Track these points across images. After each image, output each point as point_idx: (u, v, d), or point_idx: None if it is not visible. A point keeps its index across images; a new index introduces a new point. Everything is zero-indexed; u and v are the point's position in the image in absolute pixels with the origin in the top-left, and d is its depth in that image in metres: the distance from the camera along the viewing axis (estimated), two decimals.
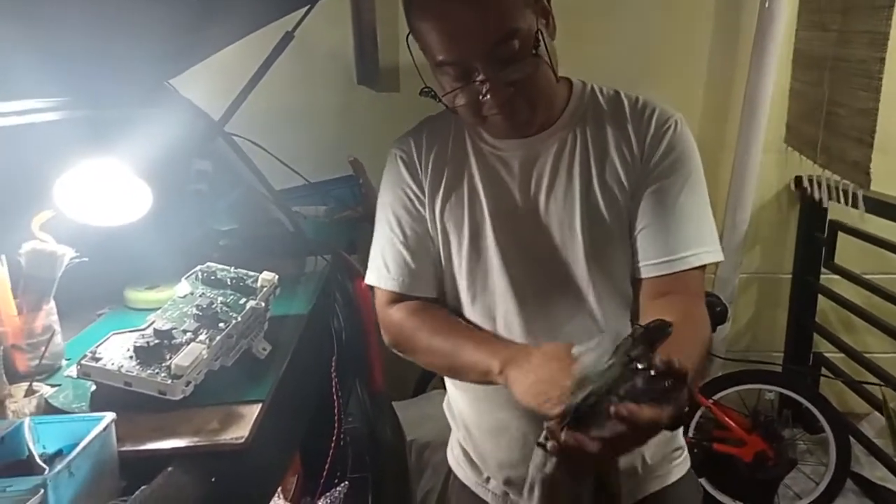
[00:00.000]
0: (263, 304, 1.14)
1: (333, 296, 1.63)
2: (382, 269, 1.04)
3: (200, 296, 1.15)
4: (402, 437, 1.90)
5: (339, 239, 1.86)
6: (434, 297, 1.05)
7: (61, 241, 1.11)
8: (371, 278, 1.06)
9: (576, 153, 0.97)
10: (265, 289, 1.19)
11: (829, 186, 2.10)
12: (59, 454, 0.82)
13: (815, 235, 2.32)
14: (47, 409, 0.96)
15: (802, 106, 2.19)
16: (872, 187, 2.05)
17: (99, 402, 0.96)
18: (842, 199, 2.00)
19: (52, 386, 1.02)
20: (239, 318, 1.08)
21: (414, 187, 1.05)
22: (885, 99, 2.29)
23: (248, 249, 1.58)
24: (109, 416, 0.83)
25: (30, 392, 0.96)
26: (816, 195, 2.17)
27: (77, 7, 1.10)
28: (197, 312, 1.08)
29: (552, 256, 0.98)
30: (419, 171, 1.05)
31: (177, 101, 1.55)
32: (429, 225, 1.03)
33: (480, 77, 0.89)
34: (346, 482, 1.48)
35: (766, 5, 2.19)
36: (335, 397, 1.42)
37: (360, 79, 2.39)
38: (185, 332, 1.03)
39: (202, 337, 1.03)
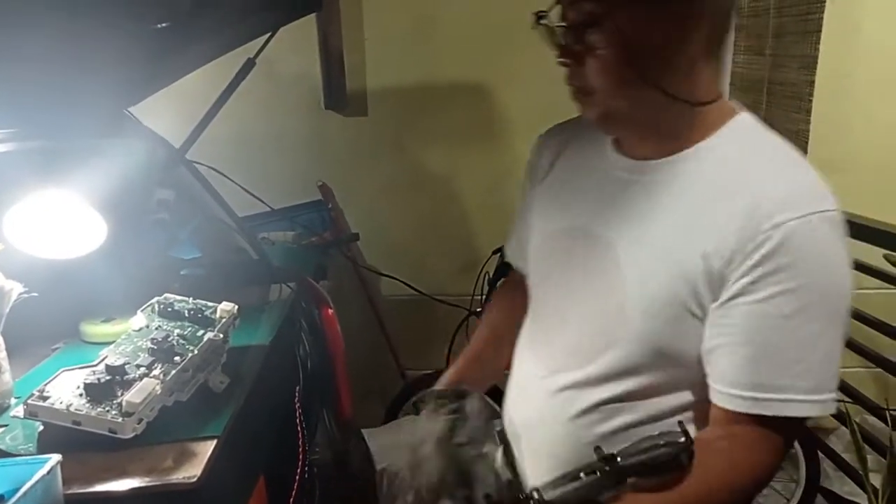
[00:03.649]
0: (222, 336, 1.12)
1: (299, 324, 1.61)
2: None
3: (156, 329, 1.12)
4: (371, 466, 1.87)
5: (306, 265, 1.84)
6: (524, 270, 1.08)
7: (11, 276, 1.08)
8: None
9: (675, 201, 0.82)
10: (224, 320, 1.17)
11: None
12: (0, 500, 0.79)
13: None
14: None
15: None
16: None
17: (46, 442, 0.93)
18: None
19: None
20: (195, 352, 1.05)
21: (535, 166, 1.04)
22: (854, 120, 2.37)
23: (211, 278, 1.56)
24: (54, 458, 0.80)
25: None
26: None
27: (32, 37, 1.08)
28: (152, 346, 1.05)
29: (592, 297, 0.88)
30: (545, 153, 1.02)
31: (136, 130, 1.53)
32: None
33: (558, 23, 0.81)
34: None
35: None
36: (300, 428, 1.39)
37: (328, 104, 2.39)
38: (138, 367, 1.01)
39: (156, 372, 1.00)
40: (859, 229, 1.97)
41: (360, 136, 2.44)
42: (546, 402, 0.91)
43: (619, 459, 0.74)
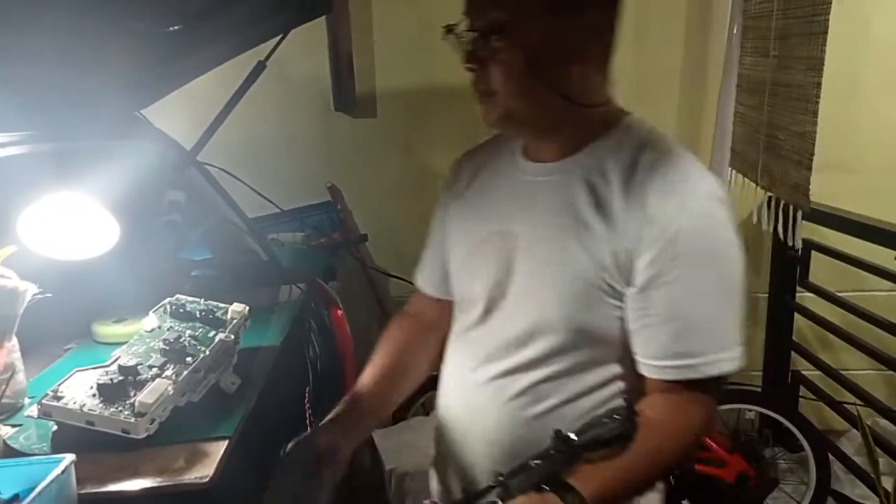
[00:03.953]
0: (233, 337, 1.13)
1: (308, 324, 1.61)
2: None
3: (168, 329, 1.13)
4: (380, 467, 1.88)
5: (316, 266, 1.85)
6: (435, 293, 1.13)
7: (25, 277, 1.09)
8: None
9: (578, 196, 0.89)
10: (235, 321, 1.18)
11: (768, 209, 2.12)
12: (15, 499, 0.80)
13: (789, 254, 2.34)
14: (6, 451, 0.93)
15: (746, 130, 2.22)
16: (846, 207, 2.09)
17: (60, 442, 0.94)
18: (779, 221, 2.04)
19: (13, 426, 0.99)
20: (207, 352, 1.06)
21: (452, 186, 1.08)
22: (862, 120, 2.36)
23: (222, 279, 1.56)
24: (68, 458, 0.81)
25: None
26: (764, 223, 2.18)
27: (45, 40, 1.09)
28: (164, 347, 1.06)
29: (514, 295, 0.93)
30: (463, 174, 1.07)
31: (148, 132, 1.54)
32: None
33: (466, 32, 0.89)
34: None
35: (735, 31, 2.24)
36: (309, 429, 1.40)
37: (337, 105, 2.40)
38: (150, 367, 1.02)
39: (168, 372, 1.01)
40: (868, 230, 1.96)
41: (368, 137, 2.45)
42: (480, 392, 0.96)
43: (574, 438, 0.80)
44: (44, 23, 1.01)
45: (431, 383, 2.46)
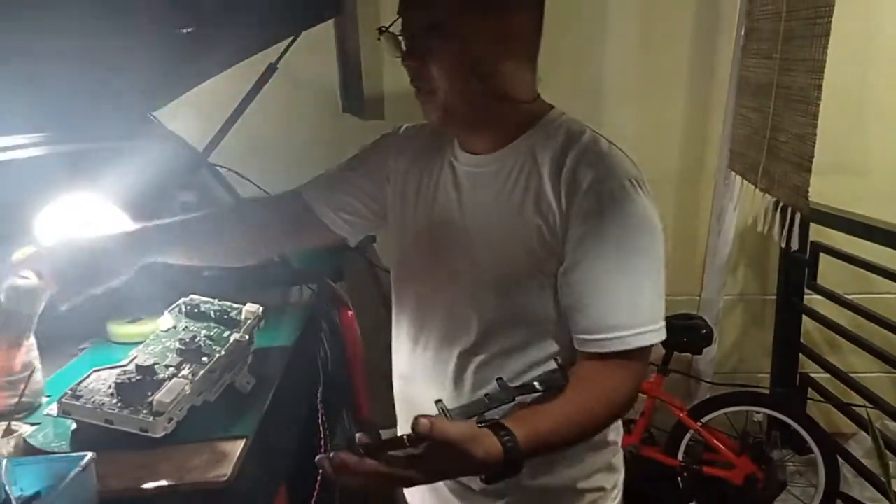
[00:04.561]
0: (247, 337, 1.14)
1: (319, 325, 1.62)
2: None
3: (183, 329, 1.14)
4: None
5: (324, 267, 1.85)
6: (316, 212, 1.14)
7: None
8: None
9: (512, 184, 0.94)
10: (249, 321, 1.18)
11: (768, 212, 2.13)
12: (37, 496, 0.81)
13: (797, 257, 2.35)
14: (26, 449, 0.94)
15: (746, 131, 2.22)
16: (854, 209, 2.09)
17: (79, 440, 0.95)
18: (773, 223, 2.05)
19: (32, 425, 1.00)
20: (222, 352, 1.07)
21: (376, 162, 1.11)
22: (870, 123, 2.36)
23: (233, 280, 1.57)
24: (89, 456, 0.81)
25: (8, 432, 0.94)
26: (760, 224, 2.19)
27: (59, 42, 1.10)
28: (180, 347, 1.07)
29: (452, 281, 0.98)
30: (395, 154, 1.09)
31: (160, 133, 1.55)
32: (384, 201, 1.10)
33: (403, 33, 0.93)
34: None
35: (742, 32, 2.24)
36: (321, 428, 1.40)
37: (346, 107, 2.41)
38: (167, 367, 1.02)
39: (185, 372, 1.02)
40: (877, 233, 1.96)
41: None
42: (429, 374, 1.01)
43: (508, 384, 0.86)
44: (57, 25, 1.02)
45: None
